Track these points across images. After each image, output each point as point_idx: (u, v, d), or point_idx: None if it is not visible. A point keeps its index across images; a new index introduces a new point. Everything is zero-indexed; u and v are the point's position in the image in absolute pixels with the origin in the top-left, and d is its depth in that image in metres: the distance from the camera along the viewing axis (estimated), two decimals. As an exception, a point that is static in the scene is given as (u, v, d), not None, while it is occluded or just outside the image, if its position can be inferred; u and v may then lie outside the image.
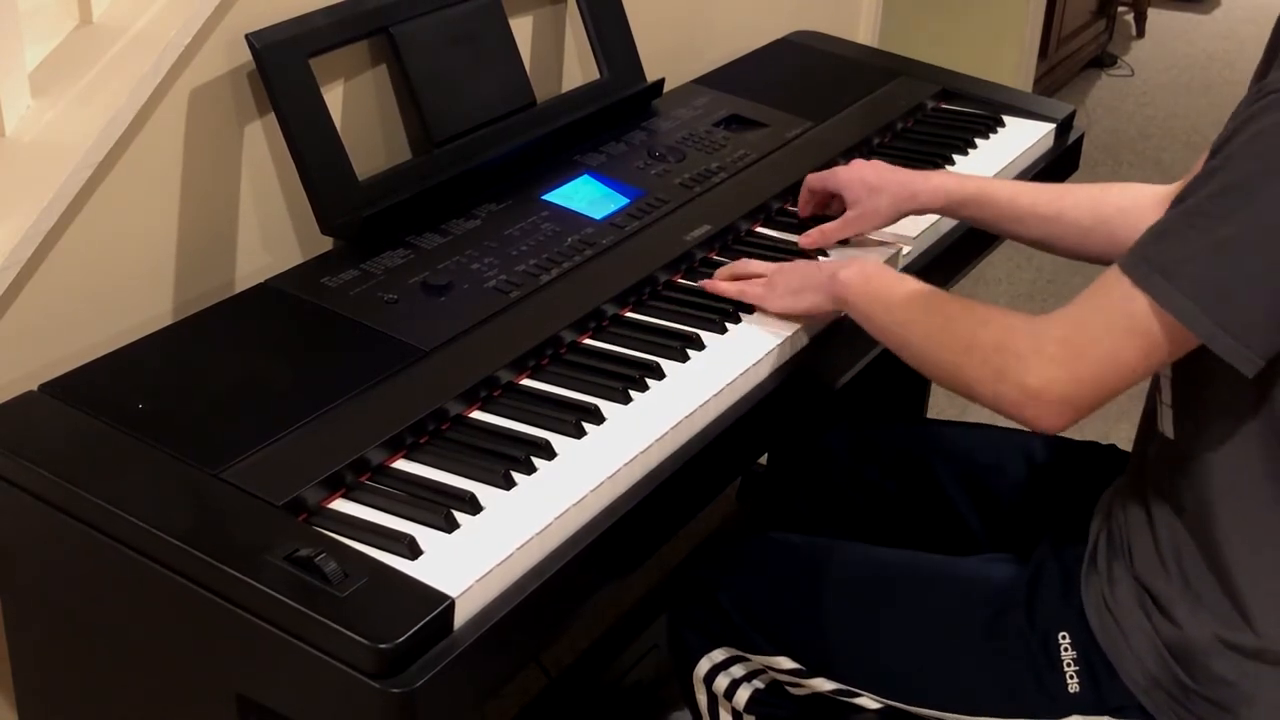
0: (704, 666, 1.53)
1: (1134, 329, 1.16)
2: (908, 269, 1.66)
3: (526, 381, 1.38)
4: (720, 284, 1.53)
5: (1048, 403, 1.19)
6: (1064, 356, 1.18)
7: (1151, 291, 1.14)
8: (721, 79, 2.07)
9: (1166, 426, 1.31)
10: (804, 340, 1.50)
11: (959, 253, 1.74)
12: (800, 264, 1.52)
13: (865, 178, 1.63)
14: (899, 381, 2.07)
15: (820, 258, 1.63)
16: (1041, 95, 2.84)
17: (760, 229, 1.71)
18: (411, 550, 1.13)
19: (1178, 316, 1.14)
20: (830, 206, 1.70)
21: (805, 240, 1.64)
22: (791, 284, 1.47)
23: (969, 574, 1.46)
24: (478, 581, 1.11)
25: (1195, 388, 1.27)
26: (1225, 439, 1.25)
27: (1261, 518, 1.26)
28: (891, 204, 1.61)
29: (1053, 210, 1.56)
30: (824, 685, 1.45)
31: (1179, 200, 1.17)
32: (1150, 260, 1.15)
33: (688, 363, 1.42)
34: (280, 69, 1.49)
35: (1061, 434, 1.66)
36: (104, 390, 1.29)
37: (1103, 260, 1.47)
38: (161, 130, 1.45)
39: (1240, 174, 1.12)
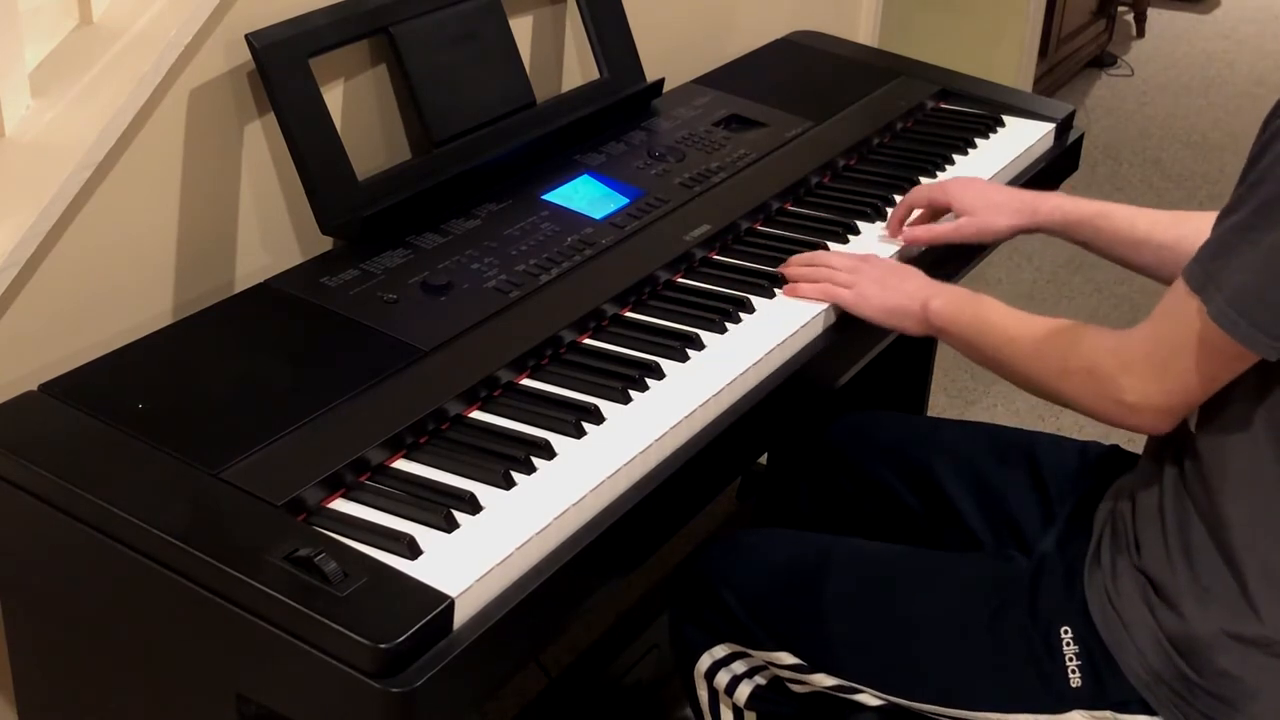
0: (705, 662, 1.53)
1: (1205, 341, 1.22)
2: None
3: (526, 381, 1.38)
4: (803, 287, 1.54)
5: (1147, 413, 1.28)
6: (1151, 373, 1.26)
7: (1208, 305, 1.20)
8: (721, 79, 2.07)
9: (1190, 419, 1.32)
10: (804, 340, 1.50)
11: (960, 251, 1.74)
12: (885, 272, 1.54)
13: (987, 194, 1.67)
14: (899, 380, 2.07)
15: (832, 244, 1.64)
16: (1041, 95, 2.84)
17: (760, 228, 1.71)
18: (411, 550, 1.13)
19: (1223, 327, 1.19)
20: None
21: (908, 236, 1.67)
22: (887, 302, 1.51)
23: (970, 570, 1.47)
24: (477, 581, 1.11)
25: None
26: (1244, 428, 1.27)
27: (1276, 507, 1.27)
28: (1010, 222, 1.65)
29: (1170, 237, 1.56)
30: (825, 681, 1.45)
31: (1228, 212, 1.21)
32: (1210, 274, 1.20)
33: (688, 363, 1.42)
34: (280, 69, 1.49)
35: (1062, 434, 1.67)
36: (104, 390, 1.29)
37: None
38: (161, 130, 1.45)
39: (1276, 187, 1.16)
